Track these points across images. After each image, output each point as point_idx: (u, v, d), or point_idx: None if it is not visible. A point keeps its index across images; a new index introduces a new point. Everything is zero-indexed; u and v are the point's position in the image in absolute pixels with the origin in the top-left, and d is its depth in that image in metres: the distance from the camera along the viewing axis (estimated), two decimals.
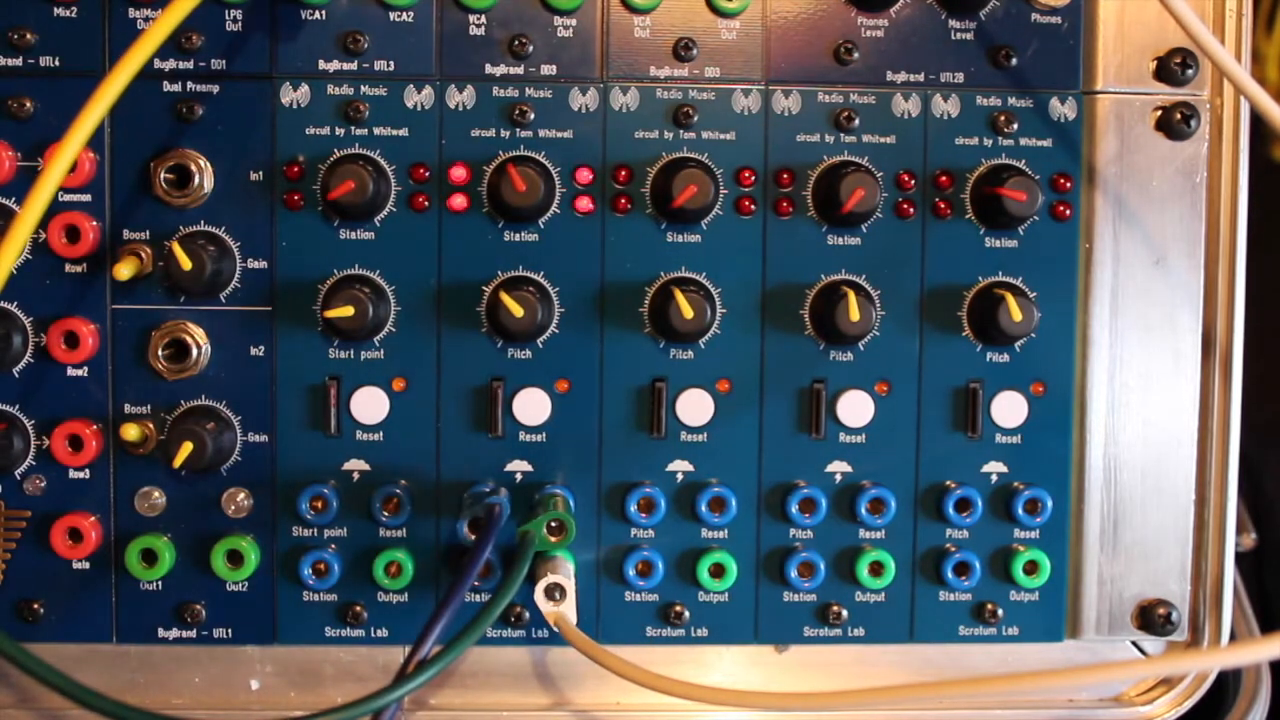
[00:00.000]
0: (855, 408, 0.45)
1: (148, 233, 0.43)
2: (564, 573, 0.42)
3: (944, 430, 0.45)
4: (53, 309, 0.43)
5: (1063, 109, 0.45)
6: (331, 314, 0.42)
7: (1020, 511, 0.45)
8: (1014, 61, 0.44)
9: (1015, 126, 0.45)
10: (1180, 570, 0.46)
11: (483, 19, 0.44)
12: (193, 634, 0.44)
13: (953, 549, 0.45)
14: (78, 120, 0.37)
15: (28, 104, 0.43)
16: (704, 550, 0.45)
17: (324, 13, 0.43)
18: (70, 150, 0.37)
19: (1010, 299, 0.43)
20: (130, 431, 0.43)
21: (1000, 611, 0.45)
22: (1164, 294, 0.45)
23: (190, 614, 0.44)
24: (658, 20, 0.44)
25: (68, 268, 0.43)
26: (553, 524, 0.42)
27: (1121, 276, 0.45)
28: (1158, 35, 0.45)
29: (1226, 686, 0.48)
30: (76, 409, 0.43)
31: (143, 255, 0.43)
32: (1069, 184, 0.45)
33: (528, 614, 0.45)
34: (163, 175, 0.43)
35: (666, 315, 0.42)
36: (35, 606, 0.44)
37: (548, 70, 0.44)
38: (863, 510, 0.45)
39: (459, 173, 0.44)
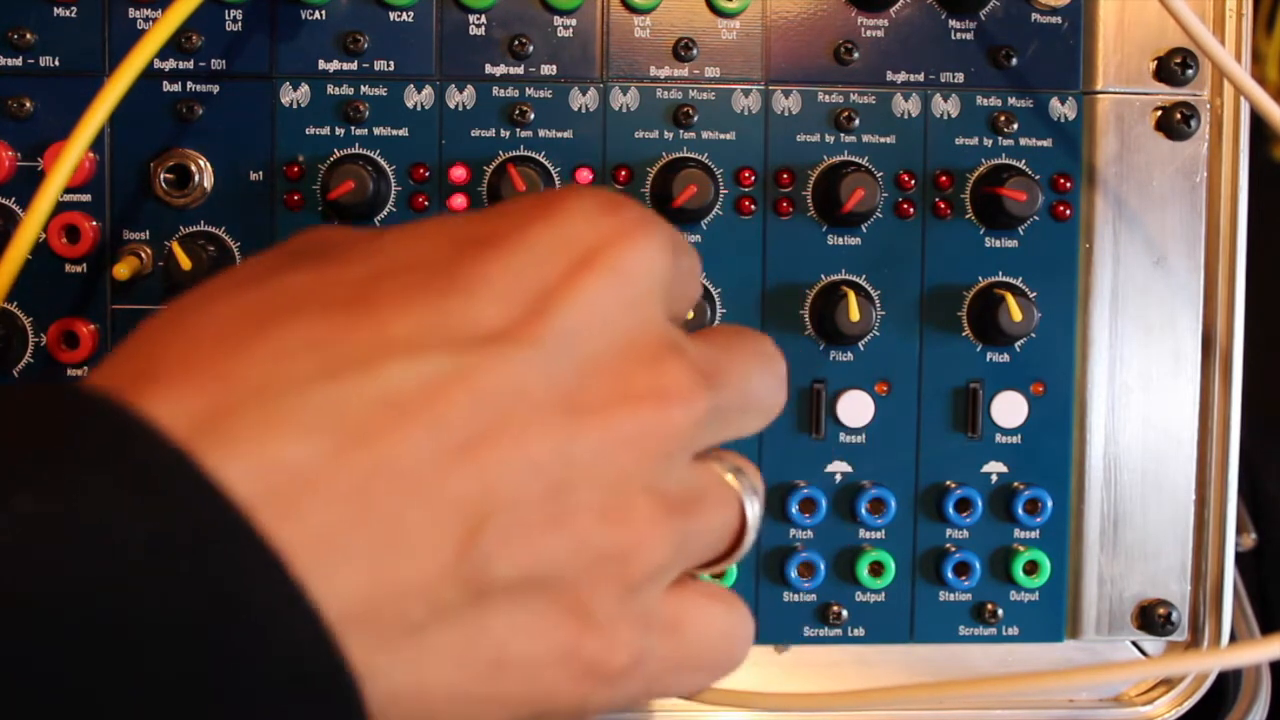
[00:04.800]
0: (855, 408, 0.45)
1: (148, 233, 0.43)
2: None
3: (944, 430, 0.45)
4: (52, 309, 0.43)
5: (1063, 109, 0.45)
6: None
7: (1020, 511, 0.45)
8: (1014, 61, 0.45)
9: (1015, 126, 0.45)
10: (1180, 570, 0.46)
11: (483, 19, 0.44)
12: None
13: (953, 549, 0.45)
14: (81, 123, 0.37)
15: (28, 104, 0.43)
16: None
17: (324, 13, 0.43)
18: (74, 154, 0.37)
19: (1010, 299, 0.43)
20: None
21: (1000, 611, 0.45)
22: (1164, 294, 0.45)
23: None
24: (658, 20, 0.44)
25: (67, 268, 0.43)
26: None
27: (1121, 276, 0.45)
28: (1158, 35, 0.45)
29: (1226, 686, 0.48)
30: None
31: (143, 255, 0.43)
32: (1069, 184, 0.45)
33: None
34: (163, 175, 0.43)
35: None
36: None
37: (548, 70, 0.44)
38: (863, 510, 0.45)
39: (459, 173, 0.44)
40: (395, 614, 0.23)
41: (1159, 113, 0.45)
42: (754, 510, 0.30)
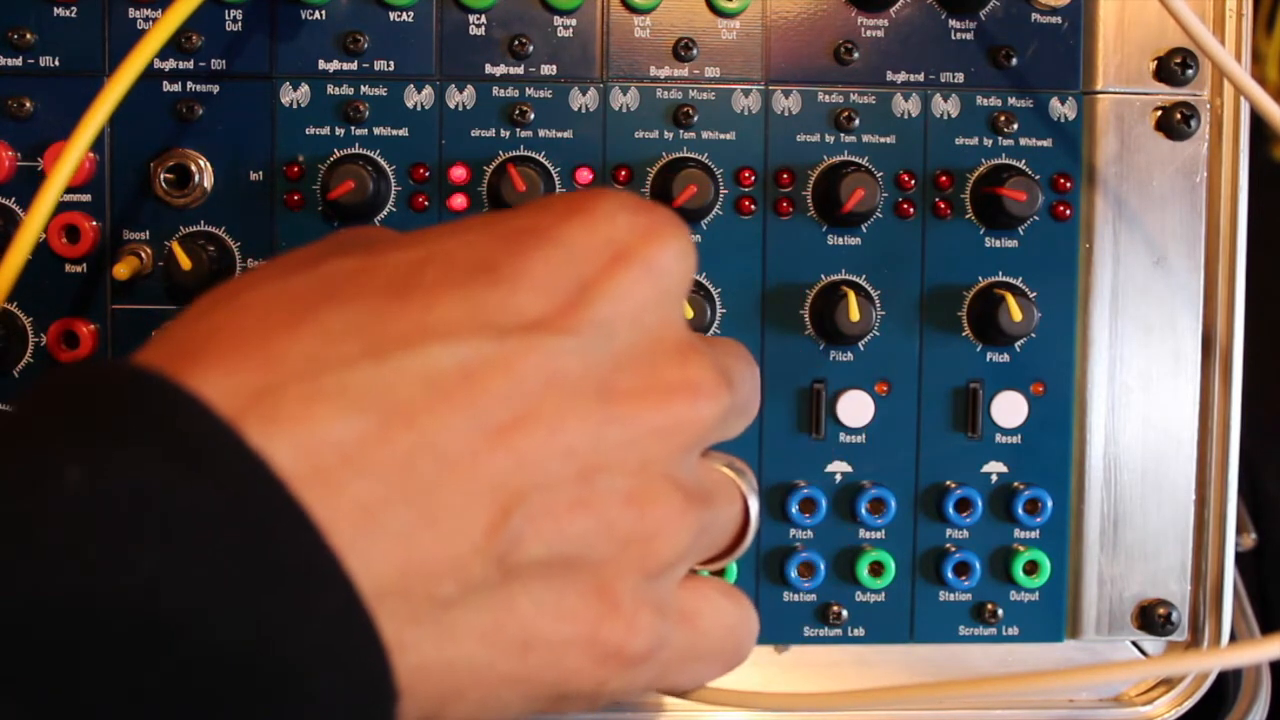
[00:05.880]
0: (855, 408, 0.45)
1: (148, 233, 0.43)
2: None
3: (944, 430, 0.45)
4: (52, 309, 0.43)
5: (1063, 109, 0.45)
6: None
7: (1020, 511, 0.45)
8: (1014, 61, 0.45)
9: (1015, 126, 0.45)
10: (1180, 570, 0.46)
11: (483, 19, 0.44)
12: None
13: (953, 549, 0.45)
14: (81, 123, 0.37)
15: (28, 104, 0.43)
16: None
17: (324, 13, 0.43)
18: (74, 154, 0.37)
19: (1010, 299, 0.43)
20: None
21: (1000, 611, 0.45)
22: (1164, 294, 0.45)
23: None
24: (658, 20, 0.44)
25: (67, 268, 0.43)
26: None
27: (1121, 276, 0.45)
28: (1158, 35, 0.45)
29: (1226, 686, 0.48)
30: None
31: (143, 255, 0.43)
32: (1069, 184, 0.45)
33: None
34: (163, 175, 0.43)
35: None
36: None
37: (548, 70, 0.44)
38: (863, 510, 0.45)
39: (459, 173, 0.44)
40: (427, 589, 0.24)
41: (1159, 113, 0.45)
42: (755, 507, 0.31)
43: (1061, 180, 0.45)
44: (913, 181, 0.45)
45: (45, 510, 0.21)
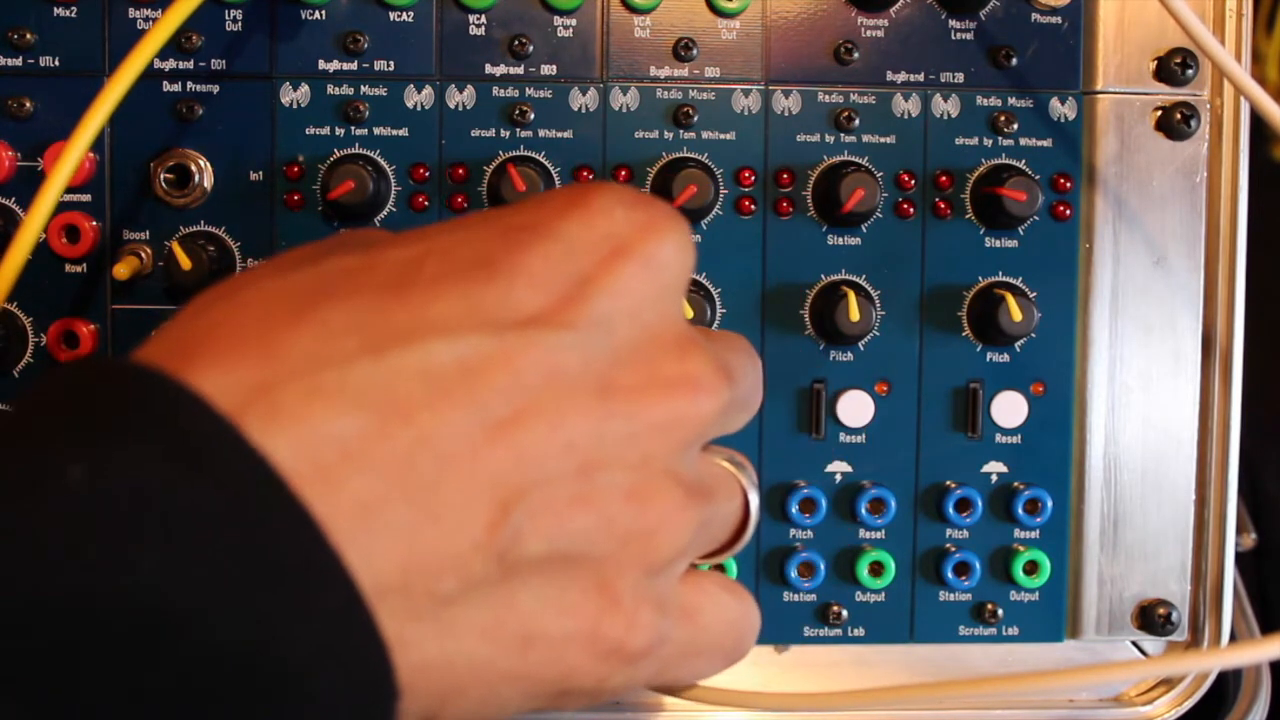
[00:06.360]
0: (855, 408, 0.45)
1: (148, 233, 0.43)
2: None
3: (944, 430, 0.45)
4: (52, 309, 0.43)
5: (1063, 109, 0.45)
6: None
7: (1020, 511, 0.45)
8: (1014, 61, 0.45)
9: (1015, 126, 0.45)
10: (1180, 570, 0.46)
11: (483, 19, 0.44)
12: None
13: (953, 549, 0.45)
14: (81, 123, 0.37)
15: (27, 104, 0.43)
16: None
17: (324, 13, 0.43)
18: (74, 154, 0.37)
19: (1010, 299, 0.43)
20: None
21: (1000, 611, 0.45)
22: (1164, 294, 0.45)
23: None
24: (658, 20, 0.44)
25: (67, 268, 0.43)
26: None
27: (1121, 276, 0.45)
28: (1158, 35, 0.45)
29: (1226, 686, 0.48)
30: None
31: (142, 255, 0.43)
32: (1069, 184, 0.45)
33: None
34: (163, 175, 0.43)
35: None
36: None
37: (548, 70, 0.44)
38: (863, 510, 0.45)
39: (459, 173, 0.44)
40: (427, 586, 0.24)
41: (1159, 113, 0.45)
42: (755, 502, 0.31)
43: (1061, 180, 0.45)
44: (913, 181, 0.45)
45: (45, 510, 0.21)
